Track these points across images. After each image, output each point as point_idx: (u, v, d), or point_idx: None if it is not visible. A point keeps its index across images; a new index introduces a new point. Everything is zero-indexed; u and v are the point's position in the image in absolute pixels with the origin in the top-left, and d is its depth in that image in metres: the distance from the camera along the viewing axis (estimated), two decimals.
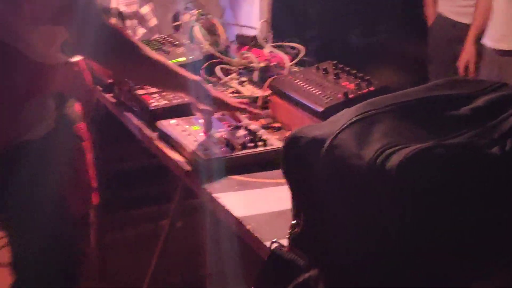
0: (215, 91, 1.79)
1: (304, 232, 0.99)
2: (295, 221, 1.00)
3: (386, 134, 0.93)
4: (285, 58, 2.33)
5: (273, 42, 2.55)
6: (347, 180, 0.91)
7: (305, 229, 0.98)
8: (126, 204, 2.72)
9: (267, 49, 2.44)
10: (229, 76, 2.25)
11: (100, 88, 2.20)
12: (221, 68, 2.27)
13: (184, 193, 2.26)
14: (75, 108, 1.88)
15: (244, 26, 2.79)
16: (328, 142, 0.96)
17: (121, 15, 2.52)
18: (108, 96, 2.16)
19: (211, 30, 2.37)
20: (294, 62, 2.38)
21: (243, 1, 3.08)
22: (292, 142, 1.00)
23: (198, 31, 2.31)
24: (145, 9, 2.56)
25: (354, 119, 0.98)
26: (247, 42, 2.57)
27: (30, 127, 1.70)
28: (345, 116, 1.01)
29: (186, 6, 2.45)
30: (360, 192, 0.89)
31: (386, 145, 0.90)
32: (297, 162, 1.00)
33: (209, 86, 1.80)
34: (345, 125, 0.97)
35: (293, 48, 2.49)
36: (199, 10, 2.39)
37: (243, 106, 1.81)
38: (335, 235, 0.93)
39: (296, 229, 1.00)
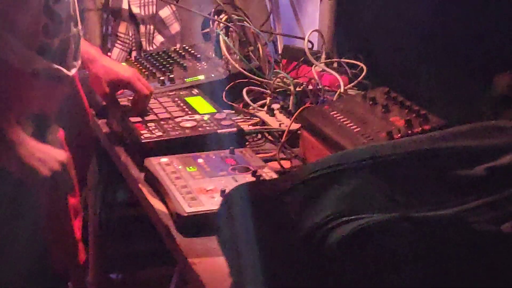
0: None
1: None
2: None
3: (343, 198, 0.90)
4: (339, 80, 2.31)
5: (328, 58, 2.54)
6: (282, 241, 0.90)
7: None
8: (129, 262, 2.75)
9: (318, 66, 2.43)
10: (260, 102, 2.25)
11: (93, 112, 2.24)
12: (251, 91, 2.27)
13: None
14: (58, 136, 1.91)
15: (290, 36, 2.80)
16: (275, 198, 0.95)
17: (133, 19, 2.57)
18: (101, 122, 2.19)
19: (243, 41, 2.38)
20: (350, 85, 2.36)
21: (302, 4, 3.08)
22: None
23: (223, 42, 2.32)
24: (165, 12, 2.60)
25: (318, 173, 0.96)
26: (296, 56, 2.57)
27: None
28: (308, 168, 0.99)
29: (216, 10, 2.47)
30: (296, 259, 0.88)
31: (331, 215, 0.87)
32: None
33: None
34: (300, 181, 0.95)
35: (354, 66, 2.48)
36: (230, 15, 2.39)
37: None
38: None
39: None
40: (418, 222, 0.84)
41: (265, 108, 2.19)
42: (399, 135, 1.72)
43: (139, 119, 2.00)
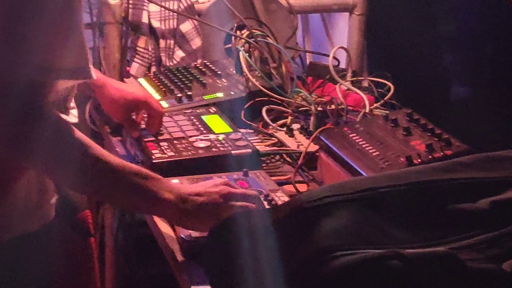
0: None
1: None
2: None
3: (334, 232, 0.88)
4: (365, 99, 2.28)
5: (355, 76, 2.51)
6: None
7: None
8: (146, 284, 2.74)
9: (344, 85, 2.41)
10: (280, 122, 2.22)
11: (108, 130, 2.24)
12: (271, 110, 2.25)
13: None
14: None
15: (314, 53, 2.77)
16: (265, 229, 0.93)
17: (153, 33, 2.56)
18: (115, 140, 2.19)
19: (264, 58, 2.36)
20: (375, 105, 2.33)
21: (332, 20, 3.06)
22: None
23: (243, 58, 2.30)
24: (186, 27, 2.59)
25: (310, 204, 0.94)
26: (322, 74, 2.55)
27: (23, 218, 1.58)
28: (300, 199, 0.96)
29: (238, 25, 2.46)
30: None
31: (321, 250, 0.84)
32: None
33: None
34: (291, 213, 0.93)
35: (382, 85, 2.45)
36: (252, 31, 2.38)
37: None
38: None
39: None
40: (408, 260, 0.81)
41: (285, 128, 2.16)
42: (419, 160, 1.69)
43: (152, 138, 1.99)
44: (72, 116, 1.73)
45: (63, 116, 1.65)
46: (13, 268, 1.59)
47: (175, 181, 1.79)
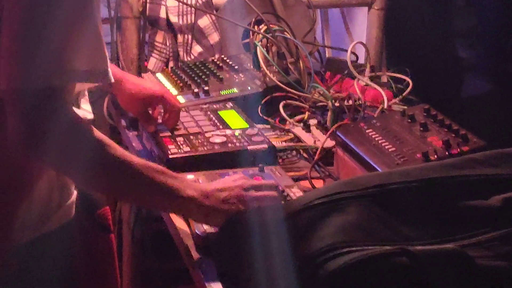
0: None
1: None
2: None
3: (343, 228, 0.88)
4: (383, 94, 2.29)
5: (373, 71, 2.51)
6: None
7: None
8: (163, 279, 2.76)
9: (362, 80, 2.41)
10: (297, 117, 2.23)
11: (124, 124, 2.25)
12: (288, 105, 2.26)
13: None
14: None
15: (333, 48, 2.78)
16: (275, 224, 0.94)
17: (171, 28, 2.58)
18: (132, 135, 2.20)
19: (281, 53, 2.36)
20: (394, 101, 2.33)
21: (352, 14, 3.06)
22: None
23: (260, 53, 2.31)
24: (204, 22, 2.60)
25: (320, 201, 0.94)
26: (340, 69, 2.55)
27: (44, 217, 1.58)
28: (310, 196, 0.97)
29: (256, 20, 2.46)
30: None
31: (329, 245, 0.85)
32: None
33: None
34: (300, 208, 0.94)
35: (400, 80, 2.44)
36: (269, 26, 2.38)
37: None
38: None
39: None
40: (416, 256, 0.81)
41: (302, 123, 2.17)
42: (436, 156, 1.69)
43: (168, 133, 2.00)
44: (87, 112, 1.74)
45: (80, 112, 1.67)
46: (35, 267, 1.59)
47: (190, 176, 1.80)
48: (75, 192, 1.67)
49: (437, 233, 0.88)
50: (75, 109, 1.55)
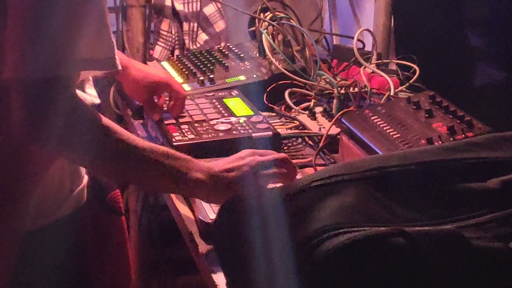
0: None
1: None
2: None
3: (340, 210, 0.89)
4: (390, 82, 2.29)
5: (380, 59, 2.51)
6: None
7: None
8: (170, 267, 2.78)
9: (369, 68, 2.41)
10: (303, 105, 2.24)
11: (130, 113, 2.27)
12: (294, 93, 2.27)
13: None
14: None
15: (339, 35, 2.78)
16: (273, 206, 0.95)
17: (177, 16, 2.59)
18: (137, 123, 2.22)
19: (287, 41, 2.37)
20: (400, 88, 2.33)
21: (360, 1, 3.06)
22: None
23: (266, 41, 2.32)
24: (210, 9, 2.61)
25: (318, 183, 0.96)
26: (347, 57, 2.55)
27: (56, 204, 1.60)
28: (308, 178, 0.98)
29: (262, 7, 2.47)
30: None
31: (326, 226, 0.86)
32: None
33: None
34: (298, 190, 0.95)
35: (407, 68, 2.45)
36: (275, 13, 2.39)
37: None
38: None
39: None
40: (412, 237, 0.82)
41: (308, 111, 2.18)
42: (440, 142, 1.70)
43: (173, 121, 2.01)
44: (94, 97, 1.75)
45: (87, 97, 1.69)
46: (48, 253, 1.60)
47: None
48: (86, 177, 1.69)
49: (434, 215, 0.89)
50: (80, 93, 1.57)
